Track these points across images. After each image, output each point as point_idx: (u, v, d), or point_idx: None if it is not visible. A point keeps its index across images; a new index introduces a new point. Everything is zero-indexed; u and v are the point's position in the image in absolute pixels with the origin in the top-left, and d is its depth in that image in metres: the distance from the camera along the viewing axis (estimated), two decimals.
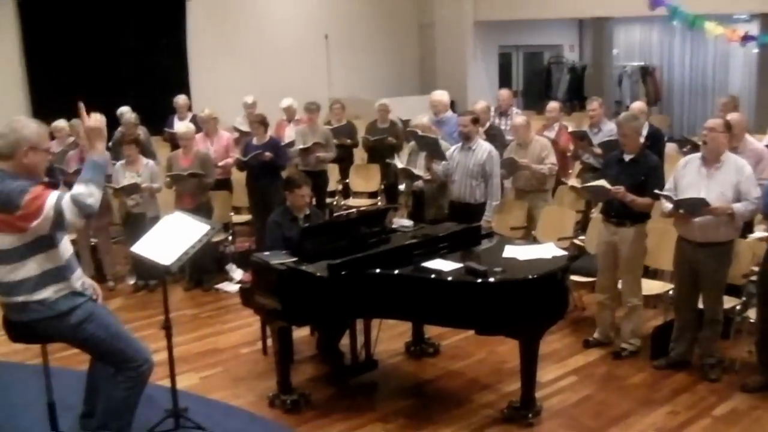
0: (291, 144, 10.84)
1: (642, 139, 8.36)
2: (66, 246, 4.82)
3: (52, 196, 4.50)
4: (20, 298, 4.63)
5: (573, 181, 7.85)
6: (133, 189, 8.84)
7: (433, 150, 8.57)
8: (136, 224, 8.58)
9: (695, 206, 6.14)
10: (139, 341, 5.15)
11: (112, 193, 9.06)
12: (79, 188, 4.50)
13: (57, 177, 8.29)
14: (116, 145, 10.05)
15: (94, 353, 5.03)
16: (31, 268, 4.60)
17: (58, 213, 4.46)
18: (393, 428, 5.86)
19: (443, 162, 8.38)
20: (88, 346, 4.94)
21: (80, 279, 4.91)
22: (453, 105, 11.44)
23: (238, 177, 10.42)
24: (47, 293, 4.65)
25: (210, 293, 9.22)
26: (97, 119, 4.71)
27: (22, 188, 4.46)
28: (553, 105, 10.62)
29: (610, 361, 6.91)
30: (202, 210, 8.54)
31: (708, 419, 5.90)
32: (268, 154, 9.57)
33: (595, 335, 7.25)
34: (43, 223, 4.47)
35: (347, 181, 11.97)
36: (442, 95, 10.55)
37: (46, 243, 4.63)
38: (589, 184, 7.12)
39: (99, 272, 9.34)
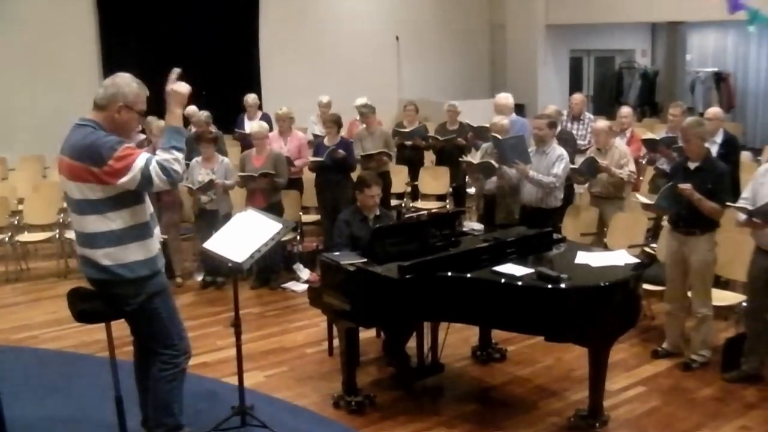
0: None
1: (716, 147, 8.25)
2: (149, 203, 4.90)
3: (141, 158, 4.55)
4: (101, 251, 4.65)
5: (643, 198, 7.71)
6: (208, 186, 8.93)
7: (516, 151, 8.30)
8: (209, 221, 8.69)
9: None
10: (186, 332, 5.20)
11: (188, 191, 9.18)
12: (164, 155, 4.60)
13: None
14: (189, 143, 10.13)
15: (145, 329, 5.00)
16: (115, 221, 4.65)
17: (146, 176, 4.53)
18: None
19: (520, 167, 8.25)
20: (145, 320, 4.93)
21: (159, 238, 5.01)
22: (523, 108, 11.39)
23: (309, 177, 10.48)
24: (128, 251, 4.69)
25: (277, 292, 9.28)
26: (185, 86, 4.80)
27: (111, 144, 4.52)
28: (626, 110, 10.46)
29: (679, 373, 6.78)
30: (274, 209, 8.52)
31: None
32: (341, 151, 9.62)
33: (664, 345, 7.13)
34: (129, 182, 4.53)
35: (416, 183, 11.94)
36: (506, 98, 10.52)
37: (132, 198, 4.69)
38: (656, 199, 6.97)
39: (168, 268, 9.32)
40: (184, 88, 4.79)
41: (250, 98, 12.35)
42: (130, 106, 4.68)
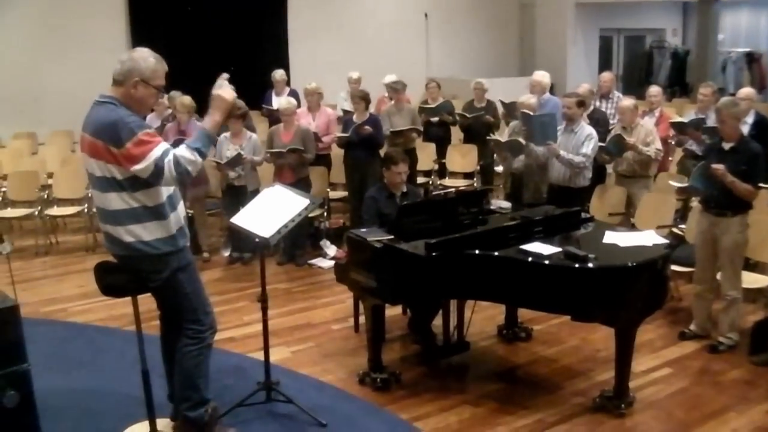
0: None
1: (747, 127, 8.16)
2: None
3: (158, 148, 4.47)
4: (123, 228, 4.61)
5: (676, 183, 7.60)
6: (236, 161, 8.92)
7: (546, 129, 8.28)
8: (237, 196, 8.71)
9: None
10: (211, 307, 5.17)
11: (215, 166, 9.18)
12: (185, 152, 4.51)
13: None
14: None
15: (170, 304, 5.01)
16: (134, 200, 4.59)
17: (159, 168, 4.45)
18: (482, 411, 5.80)
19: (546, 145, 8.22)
20: (169, 295, 4.93)
21: (182, 214, 4.93)
22: (552, 87, 11.31)
23: (338, 153, 10.47)
24: (148, 229, 4.64)
25: (303, 268, 9.31)
26: (231, 93, 4.73)
27: (132, 127, 4.43)
28: (655, 89, 10.34)
29: (706, 355, 6.74)
30: (302, 185, 8.53)
31: None
32: (368, 128, 9.59)
33: (692, 327, 7.08)
34: (142, 170, 4.46)
35: (443, 161, 11.90)
36: (543, 76, 10.43)
37: (144, 181, 4.58)
38: (689, 180, 6.91)
39: (194, 243, 9.36)
40: (229, 94, 4.72)
41: (278, 74, 12.28)
42: (146, 81, 4.58)
